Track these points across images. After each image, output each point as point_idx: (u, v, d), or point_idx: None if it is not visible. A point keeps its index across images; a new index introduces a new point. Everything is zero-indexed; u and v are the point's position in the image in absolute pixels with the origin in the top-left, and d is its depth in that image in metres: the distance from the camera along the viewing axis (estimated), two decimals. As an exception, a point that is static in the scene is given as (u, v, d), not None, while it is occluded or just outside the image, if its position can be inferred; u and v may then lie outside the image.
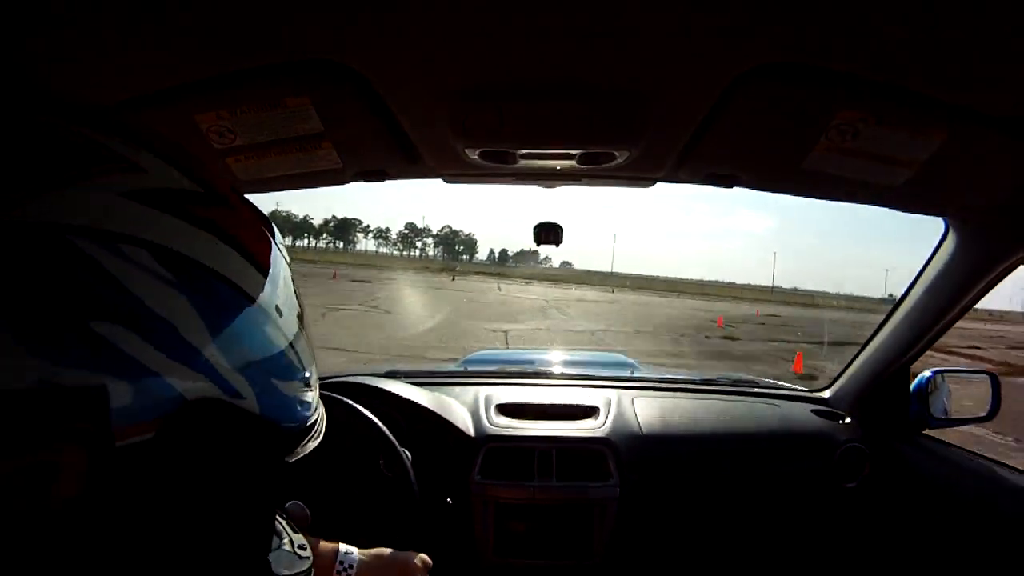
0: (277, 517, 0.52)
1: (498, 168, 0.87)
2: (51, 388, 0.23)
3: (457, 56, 0.61)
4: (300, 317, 0.36)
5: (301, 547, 0.52)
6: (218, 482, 0.29)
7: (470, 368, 1.87)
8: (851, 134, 0.71)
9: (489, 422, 1.42)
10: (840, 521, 1.42)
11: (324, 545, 0.70)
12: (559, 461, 1.33)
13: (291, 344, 0.34)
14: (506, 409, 1.47)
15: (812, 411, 1.53)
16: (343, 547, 0.71)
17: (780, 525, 1.44)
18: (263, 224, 0.34)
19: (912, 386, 1.41)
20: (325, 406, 1.02)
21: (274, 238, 0.35)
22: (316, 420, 0.39)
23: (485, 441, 1.37)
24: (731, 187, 0.92)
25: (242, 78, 0.65)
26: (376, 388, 1.36)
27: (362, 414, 1.04)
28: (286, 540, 0.51)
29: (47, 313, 0.23)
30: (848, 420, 1.48)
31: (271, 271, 0.33)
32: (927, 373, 1.40)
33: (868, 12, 0.52)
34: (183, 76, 0.65)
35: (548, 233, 1.19)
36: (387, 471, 1.06)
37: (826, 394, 1.61)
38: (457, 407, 1.45)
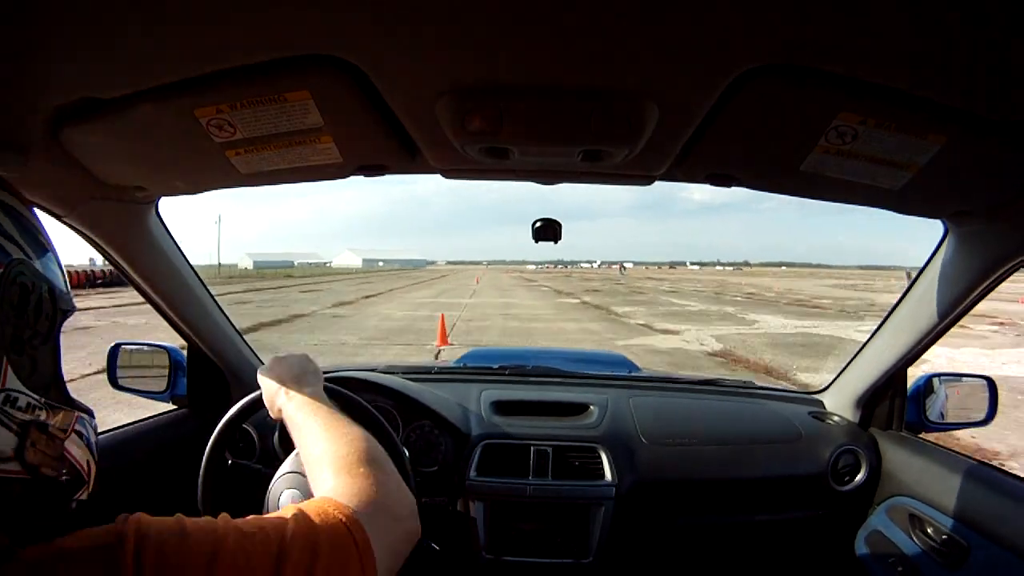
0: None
1: (497, 164, 0.88)
2: None
3: (457, 53, 0.61)
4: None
5: None
6: None
7: (468, 365, 1.87)
8: (850, 136, 0.71)
9: (485, 420, 1.43)
10: (834, 524, 1.42)
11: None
12: (555, 460, 1.34)
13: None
14: (503, 407, 1.47)
15: (809, 413, 1.53)
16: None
17: (774, 527, 1.44)
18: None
19: (909, 389, 1.41)
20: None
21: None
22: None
23: (481, 438, 1.37)
24: (730, 187, 0.92)
25: (242, 72, 0.65)
26: (374, 383, 1.36)
27: (365, 408, 1.04)
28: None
29: None
30: (845, 422, 1.49)
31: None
32: (924, 376, 1.41)
33: (867, 15, 0.52)
34: (183, 71, 0.65)
35: (547, 229, 1.19)
36: None
37: (823, 396, 1.61)
38: (454, 404, 1.46)
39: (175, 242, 1.25)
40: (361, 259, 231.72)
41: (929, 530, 1.19)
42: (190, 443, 1.17)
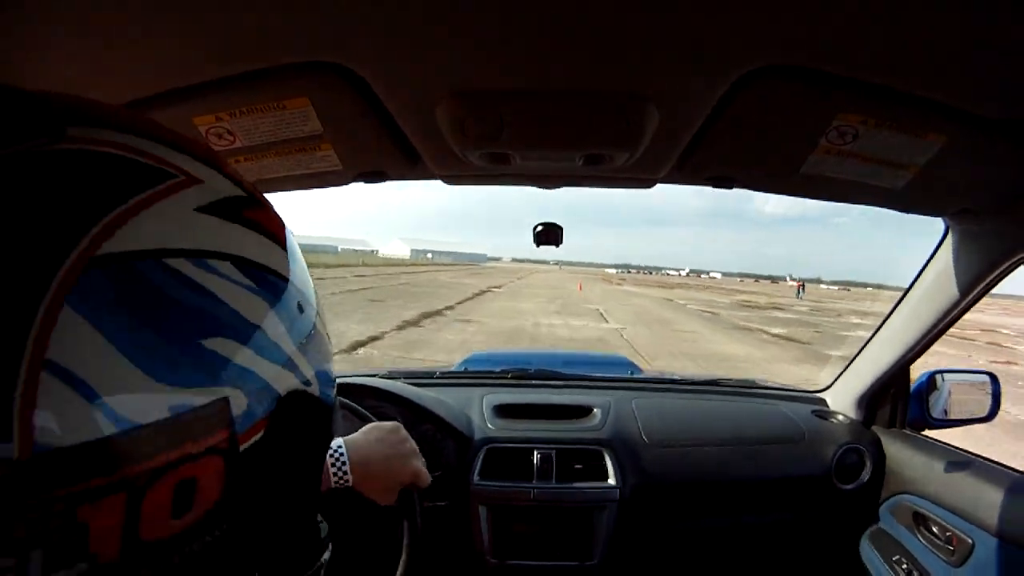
0: None
1: (498, 169, 0.87)
2: (187, 411, 0.24)
3: (456, 58, 0.61)
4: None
5: None
6: (301, 462, 0.32)
7: (469, 369, 1.87)
8: (851, 136, 0.71)
9: (488, 424, 1.42)
10: (838, 523, 1.42)
11: None
12: (558, 463, 1.33)
13: (323, 322, 0.36)
14: (505, 411, 1.47)
15: (812, 412, 1.53)
16: (334, 442, 0.74)
17: (778, 527, 1.44)
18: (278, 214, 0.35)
19: (912, 387, 1.41)
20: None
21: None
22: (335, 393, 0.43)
23: (484, 442, 1.37)
24: (731, 188, 0.92)
25: (241, 80, 0.65)
26: (376, 388, 1.36)
27: (367, 415, 1.04)
28: None
29: (165, 341, 0.24)
30: (848, 421, 1.49)
31: (300, 258, 0.34)
32: (926, 373, 1.40)
33: (867, 15, 0.52)
34: (182, 79, 0.65)
35: (548, 233, 1.19)
36: None
37: (826, 395, 1.61)
38: (456, 408, 1.45)
39: None
40: (410, 249, 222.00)
41: (933, 528, 1.19)
42: None
